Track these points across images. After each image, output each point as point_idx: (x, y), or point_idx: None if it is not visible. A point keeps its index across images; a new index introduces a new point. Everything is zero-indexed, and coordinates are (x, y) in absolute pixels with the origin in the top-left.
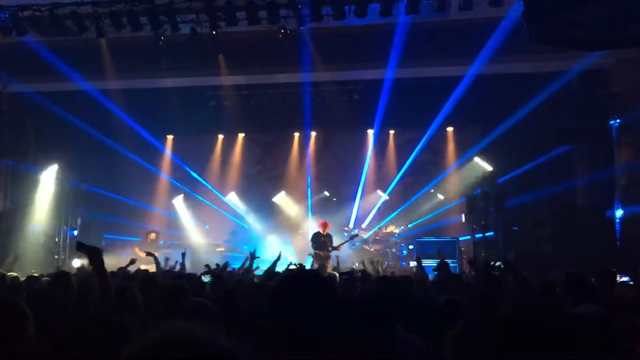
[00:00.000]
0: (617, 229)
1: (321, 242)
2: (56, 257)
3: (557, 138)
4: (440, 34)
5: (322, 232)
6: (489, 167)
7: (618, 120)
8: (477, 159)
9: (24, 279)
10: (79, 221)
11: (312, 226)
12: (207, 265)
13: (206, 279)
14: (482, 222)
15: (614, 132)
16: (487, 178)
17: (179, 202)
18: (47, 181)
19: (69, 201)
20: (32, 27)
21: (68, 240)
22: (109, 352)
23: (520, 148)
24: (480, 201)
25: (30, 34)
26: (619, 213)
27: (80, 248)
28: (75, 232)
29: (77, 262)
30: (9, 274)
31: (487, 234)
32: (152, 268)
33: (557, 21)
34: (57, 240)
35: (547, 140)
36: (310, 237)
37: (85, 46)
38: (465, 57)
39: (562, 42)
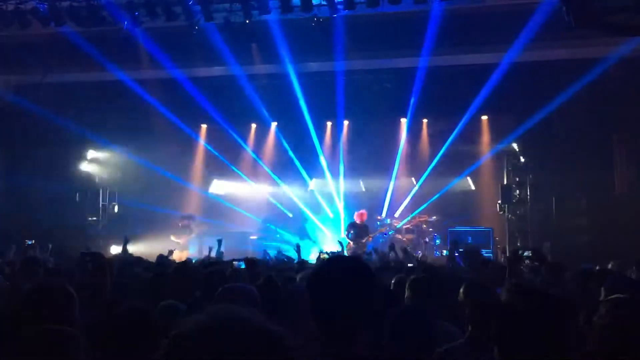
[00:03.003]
0: None
1: (356, 232)
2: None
3: (596, 126)
4: (475, 20)
5: (358, 222)
6: (524, 156)
7: None
8: (512, 148)
9: None
10: (116, 209)
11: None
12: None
13: (240, 264)
14: (517, 212)
15: None
16: (523, 167)
17: (215, 188)
18: (85, 170)
19: (106, 190)
20: (70, 18)
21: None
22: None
23: (558, 136)
24: (516, 191)
25: (68, 25)
26: None
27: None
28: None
29: (115, 249)
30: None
31: (522, 224)
32: (185, 255)
33: (596, 6)
34: (96, 227)
35: (585, 128)
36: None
37: (121, 36)
38: (501, 44)
39: (601, 28)
